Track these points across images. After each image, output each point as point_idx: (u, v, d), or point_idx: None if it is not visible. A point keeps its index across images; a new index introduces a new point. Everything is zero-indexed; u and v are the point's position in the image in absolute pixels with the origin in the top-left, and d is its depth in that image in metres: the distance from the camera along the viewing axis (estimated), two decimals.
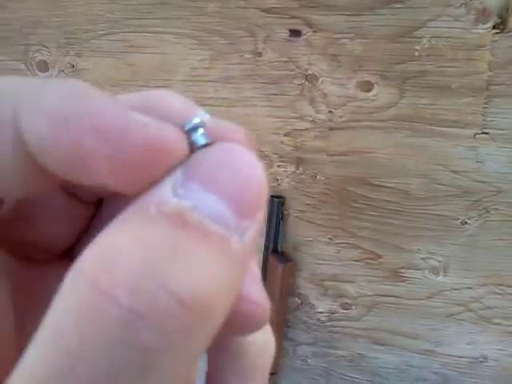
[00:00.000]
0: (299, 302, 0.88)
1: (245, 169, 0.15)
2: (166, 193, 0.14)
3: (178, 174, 0.15)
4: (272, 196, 0.79)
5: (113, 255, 0.13)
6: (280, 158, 0.78)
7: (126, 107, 0.15)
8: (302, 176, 0.78)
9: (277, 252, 0.81)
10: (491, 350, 0.86)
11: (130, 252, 0.13)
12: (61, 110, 0.14)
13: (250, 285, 0.17)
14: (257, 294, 0.17)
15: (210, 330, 0.13)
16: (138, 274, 0.12)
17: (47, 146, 0.14)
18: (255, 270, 0.18)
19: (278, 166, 0.78)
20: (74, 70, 0.80)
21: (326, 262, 0.83)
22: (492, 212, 0.75)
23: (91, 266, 0.13)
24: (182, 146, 0.15)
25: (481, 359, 0.87)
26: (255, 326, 0.17)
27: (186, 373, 0.14)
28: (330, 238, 0.82)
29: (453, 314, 0.84)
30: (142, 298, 0.12)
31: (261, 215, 0.15)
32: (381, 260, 0.82)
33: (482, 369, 0.88)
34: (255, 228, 0.15)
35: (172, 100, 0.18)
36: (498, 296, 0.81)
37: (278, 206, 0.79)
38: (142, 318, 0.12)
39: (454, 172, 0.73)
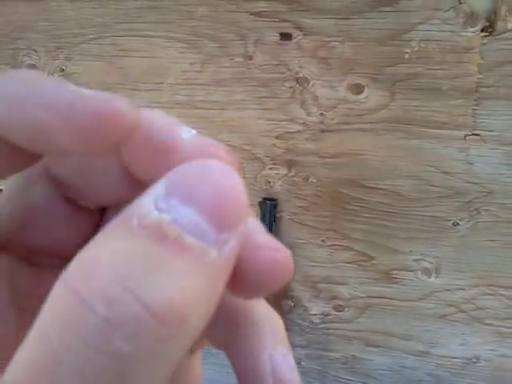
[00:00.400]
0: (292, 304, 0.89)
1: (223, 183, 0.16)
2: (147, 205, 0.15)
3: (160, 187, 0.16)
4: (264, 198, 0.80)
5: (93, 266, 0.14)
6: (272, 160, 0.79)
7: (71, 84, 0.17)
8: (294, 178, 0.79)
9: None
10: (483, 350, 0.88)
11: (107, 264, 0.14)
12: (15, 95, 0.17)
13: (260, 236, 0.18)
14: (270, 241, 0.18)
15: (185, 338, 0.14)
16: (114, 285, 0.13)
17: (10, 128, 0.17)
18: (260, 227, 0.19)
19: (270, 168, 0.79)
20: (63, 74, 0.81)
21: (319, 264, 0.85)
22: (483, 213, 0.76)
23: (74, 276, 0.14)
24: (131, 111, 0.17)
25: (473, 360, 0.89)
26: (281, 274, 0.18)
27: (162, 379, 0.15)
28: (322, 240, 0.83)
29: (445, 315, 0.85)
30: (117, 308, 0.13)
31: (241, 227, 0.16)
32: (373, 262, 0.83)
33: (474, 369, 0.90)
34: (236, 240, 0.16)
35: (155, 118, 0.19)
36: (490, 297, 0.82)
37: (270, 209, 0.80)
38: (116, 327, 0.13)
39: (446, 173, 0.75)
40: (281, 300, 0.86)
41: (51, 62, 0.80)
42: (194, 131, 0.19)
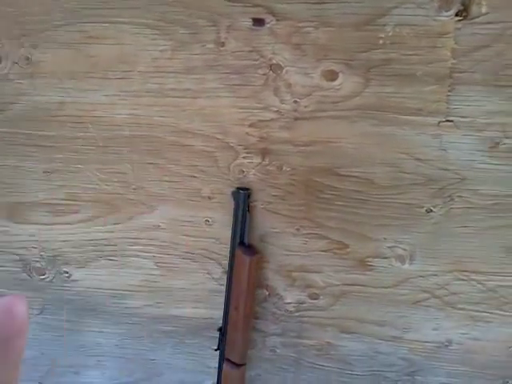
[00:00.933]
0: (267, 293, 0.86)
1: None
2: None
3: None
4: (238, 188, 0.77)
5: None
6: (245, 149, 0.76)
7: None
8: (268, 167, 0.76)
9: (243, 244, 0.79)
10: (456, 334, 0.87)
11: None
12: None
13: None
14: None
15: None
16: None
17: None
18: None
19: (244, 157, 0.76)
20: (29, 63, 0.76)
21: (294, 253, 0.82)
22: (456, 200, 0.74)
23: None
24: None
25: (446, 343, 0.88)
26: None
27: None
28: (297, 229, 0.80)
29: (419, 301, 0.84)
30: None
31: None
32: (348, 250, 0.81)
33: (447, 353, 0.89)
34: None
35: None
36: (463, 282, 0.81)
37: (244, 198, 0.77)
38: None
39: (419, 160, 0.73)
40: (255, 289, 0.83)
41: (15, 50, 0.75)
42: None
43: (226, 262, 0.82)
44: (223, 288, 0.83)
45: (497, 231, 0.76)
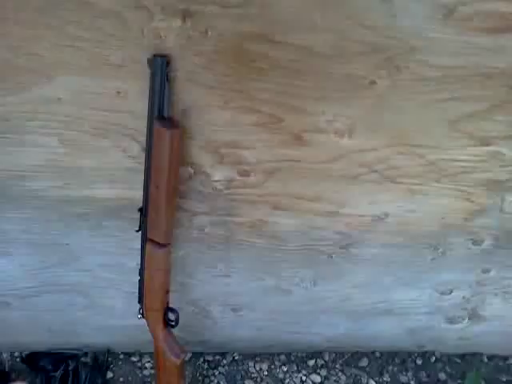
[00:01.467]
0: (192, 171, 0.84)
1: None
2: None
3: None
4: (155, 55, 0.71)
5: None
6: (163, 9, 0.68)
7: None
8: (190, 32, 0.70)
9: (163, 117, 0.75)
10: (392, 207, 0.90)
11: None
12: None
13: None
14: None
15: None
16: None
17: None
18: None
19: (161, 19, 0.69)
20: None
21: (221, 129, 0.79)
22: (403, 71, 0.73)
23: None
24: None
25: (382, 216, 0.92)
26: None
27: None
28: (225, 102, 0.77)
29: (357, 176, 0.85)
30: None
31: None
32: (282, 124, 0.79)
33: (382, 225, 0.93)
34: None
35: None
36: (404, 156, 0.82)
37: (162, 66, 0.71)
38: None
39: (365, 27, 0.69)
40: (178, 167, 0.80)
41: None
42: None
43: (143, 139, 0.78)
44: (142, 167, 0.80)
45: (442, 104, 0.76)
